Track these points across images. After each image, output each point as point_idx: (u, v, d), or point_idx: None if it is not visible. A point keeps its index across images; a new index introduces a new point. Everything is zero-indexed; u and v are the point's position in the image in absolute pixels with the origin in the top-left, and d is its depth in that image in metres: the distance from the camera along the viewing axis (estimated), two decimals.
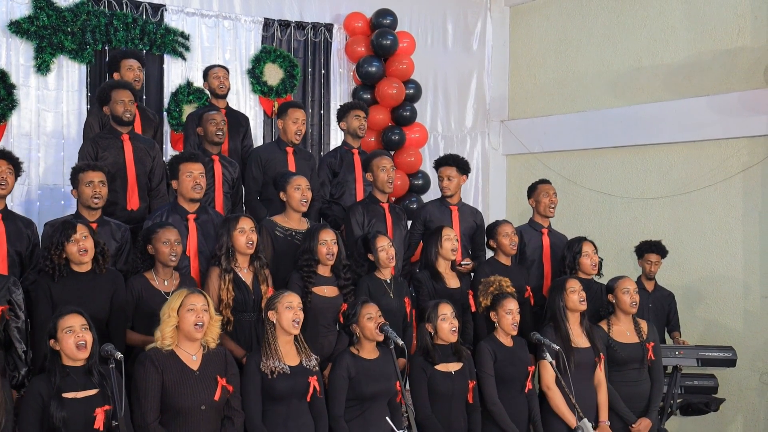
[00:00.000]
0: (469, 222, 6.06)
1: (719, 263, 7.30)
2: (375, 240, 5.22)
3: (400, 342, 4.45)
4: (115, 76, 6.10)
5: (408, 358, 4.73)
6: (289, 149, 5.97)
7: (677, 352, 6.13)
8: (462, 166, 6.04)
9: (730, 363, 6.25)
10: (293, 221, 5.35)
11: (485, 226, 6.10)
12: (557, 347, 4.87)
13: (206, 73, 6.54)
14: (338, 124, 6.50)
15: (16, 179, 4.95)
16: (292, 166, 5.89)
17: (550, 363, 4.87)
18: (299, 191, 5.27)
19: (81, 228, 4.47)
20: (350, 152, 6.27)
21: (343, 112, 6.39)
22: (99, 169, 4.97)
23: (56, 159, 6.72)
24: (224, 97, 6.51)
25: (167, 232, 4.68)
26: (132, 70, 6.10)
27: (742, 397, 7.05)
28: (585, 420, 4.70)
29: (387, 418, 4.42)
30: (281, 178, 5.43)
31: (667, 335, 6.86)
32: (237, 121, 6.48)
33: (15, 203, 6.49)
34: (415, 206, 7.61)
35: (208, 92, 6.65)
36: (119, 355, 3.77)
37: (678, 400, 6.19)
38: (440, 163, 6.03)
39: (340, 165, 6.20)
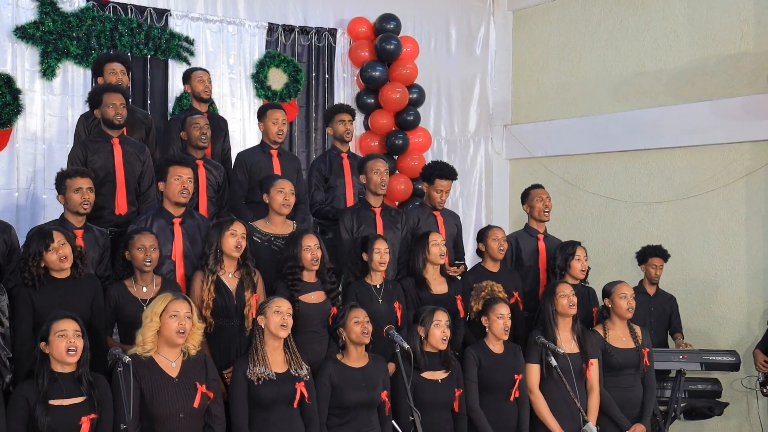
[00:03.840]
0: (452, 226, 6.08)
1: (722, 267, 7.30)
2: (374, 242, 5.22)
3: (406, 346, 4.46)
4: (99, 81, 6.01)
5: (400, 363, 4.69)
6: (273, 152, 5.95)
7: (681, 356, 6.13)
8: (455, 175, 6.07)
9: (734, 367, 6.25)
10: (276, 225, 5.34)
11: (465, 229, 6.09)
12: (562, 351, 4.88)
13: (188, 75, 6.45)
14: (326, 128, 6.50)
15: None
16: (276, 169, 5.87)
17: (555, 367, 4.86)
18: (282, 194, 5.26)
19: (57, 235, 4.43)
20: (339, 156, 6.24)
21: (328, 117, 6.39)
22: (86, 175, 4.95)
23: (62, 164, 6.64)
24: (208, 101, 6.49)
25: (143, 237, 4.66)
26: (114, 74, 5.95)
27: (745, 401, 7.05)
28: (590, 424, 4.70)
29: (393, 422, 4.43)
30: (266, 180, 5.43)
31: (669, 338, 6.88)
32: (217, 125, 6.44)
33: (20, 208, 6.51)
34: None
35: (190, 95, 6.52)
36: (127, 358, 3.77)
37: (682, 404, 6.19)
38: (437, 176, 5.96)
39: (329, 170, 6.18)
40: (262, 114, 6.03)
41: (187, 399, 4.00)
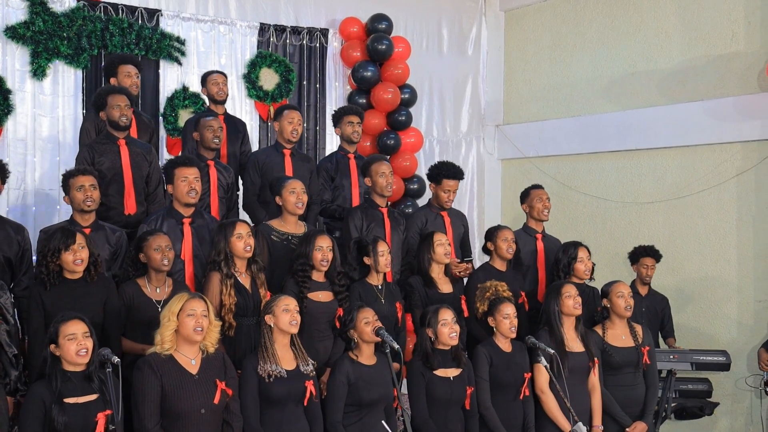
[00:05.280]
0: (459, 226, 6.13)
1: (713, 267, 7.32)
2: (376, 244, 5.23)
3: (396, 346, 4.47)
4: (112, 81, 6.10)
5: (403, 362, 4.73)
6: (287, 151, 6.01)
7: (671, 356, 6.14)
8: (462, 175, 6.11)
9: (724, 367, 6.26)
10: (290, 225, 5.39)
11: (477, 229, 6.12)
12: (552, 351, 4.90)
13: (204, 78, 6.55)
14: (334, 129, 6.55)
15: (3, 185, 4.99)
16: (289, 169, 5.92)
17: (545, 367, 4.88)
18: (294, 195, 5.31)
19: (80, 237, 4.49)
20: (346, 157, 6.30)
21: (337, 118, 6.43)
22: (89, 173, 5.00)
23: (52, 164, 6.72)
24: (223, 102, 6.53)
25: (158, 238, 4.70)
26: (129, 77, 6.10)
27: (736, 401, 7.07)
28: (579, 424, 4.71)
29: (383, 421, 4.44)
30: (276, 182, 5.47)
31: (662, 341, 6.88)
32: (235, 127, 6.51)
33: (10, 208, 6.50)
34: (410, 210, 7.62)
35: (206, 98, 6.65)
36: (116, 359, 3.79)
37: (672, 404, 6.20)
38: (444, 176, 6.00)
39: (335, 170, 6.25)
40: (278, 113, 6.10)
41: (208, 395, 4.04)
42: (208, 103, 6.64)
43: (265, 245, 5.23)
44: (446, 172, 6.02)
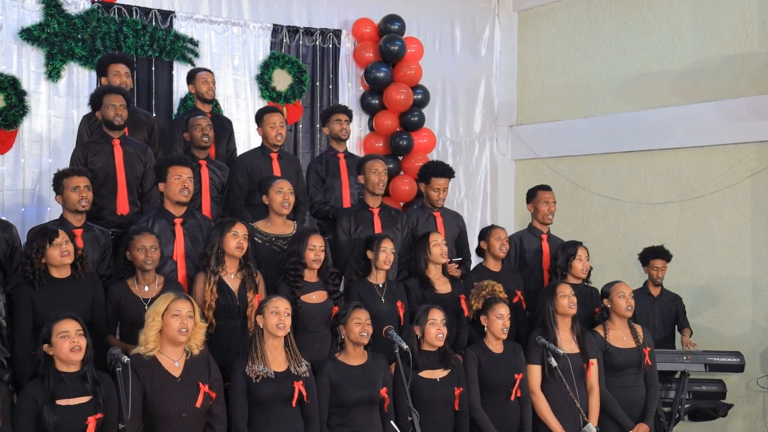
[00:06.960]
0: (453, 227, 6.07)
1: (728, 268, 7.29)
2: (381, 241, 5.23)
3: (405, 346, 4.45)
4: (103, 81, 6.04)
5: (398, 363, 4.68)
6: (273, 155, 5.96)
7: (685, 358, 6.12)
8: (452, 174, 6.07)
9: (738, 368, 6.22)
10: (276, 226, 5.38)
11: (470, 229, 6.07)
12: (562, 351, 4.87)
13: (192, 76, 6.47)
14: (322, 128, 6.52)
15: None
16: (276, 171, 5.88)
17: (555, 367, 4.85)
18: (281, 194, 5.30)
19: (62, 233, 4.49)
20: (336, 157, 6.26)
21: (324, 117, 6.41)
22: (83, 174, 4.99)
23: (67, 165, 6.72)
24: (211, 102, 6.50)
25: (142, 238, 4.68)
26: (119, 76, 5.96)
27: (750, 402, 7.03)
28: (590, 425, 4.69)
29: (391, 421, 4.43)
30: (265, 181, 5.47)
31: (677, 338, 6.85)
32: (222, 126, 6.46)
33: (26, 209, 6.55)
34: None
35: (194, 95, 6.54)
36: (126, 358, 3.78)
37: (686, 406, 6.17)
38: (433, 174, 5.96)
39: (326, 171, 6.20)
40: (259, 119, 6.03)
41: (190, 398, 4.01)
42: (195, 101, 6.54)
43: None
44: (435, 170, 5.99)
